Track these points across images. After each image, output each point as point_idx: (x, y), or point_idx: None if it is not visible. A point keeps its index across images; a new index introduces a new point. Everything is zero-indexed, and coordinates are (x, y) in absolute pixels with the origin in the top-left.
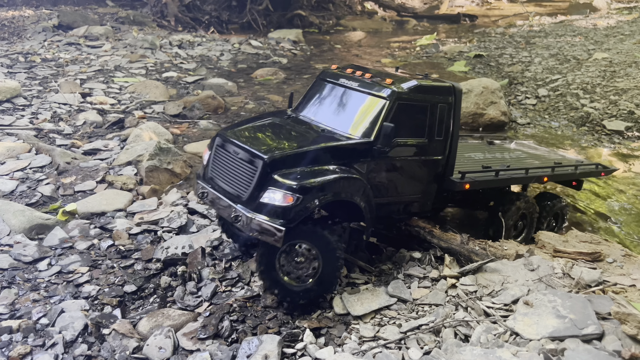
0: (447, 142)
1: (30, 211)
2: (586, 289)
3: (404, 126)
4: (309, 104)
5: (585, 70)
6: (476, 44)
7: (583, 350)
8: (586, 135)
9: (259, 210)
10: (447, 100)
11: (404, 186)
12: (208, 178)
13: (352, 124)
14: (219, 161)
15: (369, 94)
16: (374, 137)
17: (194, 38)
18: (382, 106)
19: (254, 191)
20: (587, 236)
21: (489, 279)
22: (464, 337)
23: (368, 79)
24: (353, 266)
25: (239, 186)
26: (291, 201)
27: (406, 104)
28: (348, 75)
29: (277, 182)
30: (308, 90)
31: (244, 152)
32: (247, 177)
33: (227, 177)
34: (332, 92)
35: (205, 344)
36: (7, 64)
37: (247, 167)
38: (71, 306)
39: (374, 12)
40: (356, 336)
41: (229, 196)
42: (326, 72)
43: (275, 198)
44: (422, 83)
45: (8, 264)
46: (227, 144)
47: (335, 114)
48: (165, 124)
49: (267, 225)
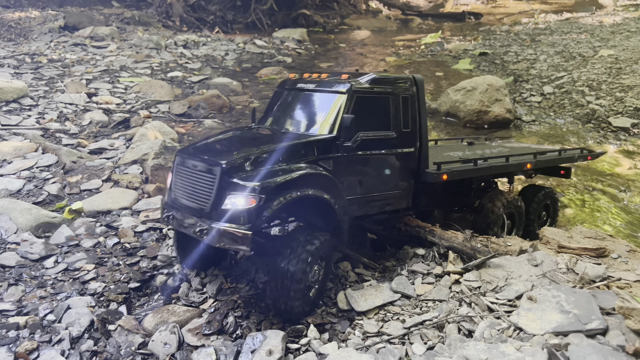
0: (416, 134)
1: (36, 209)
2: (590, 285)
3: (367, 120)
4: (271, 115)
5: (591, 67)
6: (481, 42)
7: (587, 345)
8: (592, 132)
9: (222, 218)
10: (409, 91)
11: (377, 182)
12: (172, 200)
13: (314, 124)
14: (180, 180)
15: (327, 92)
16: (336, 132)
17: (199, 38)
18: (340, 101)
19: (216, 200)
20: (592, 232)
21: (493, 274)
22: (468, 333)
23: (325, 79)
24: (357, 263)
25: (200, 199)
26: (254, 203)
27: (365, 97)
28: (305, 80)
29: (237, 186)
30: (269, 103)
31: (202, 163)
32: (207, 187)
33: (189, 193)
34: (292, 98)
35: (210, 340)
36: (13, 65)
37: (206, 177)
38: (77, 303)
39: (379, 11)
40: (360, 332)
41: (192, 212)
42: (284, 81)
43: (237, 202)
44: (380, 75)
45: (15, 262)
46: (187, 160)
47: (296, 118)
48: (170, 123)
49: (232, 232)
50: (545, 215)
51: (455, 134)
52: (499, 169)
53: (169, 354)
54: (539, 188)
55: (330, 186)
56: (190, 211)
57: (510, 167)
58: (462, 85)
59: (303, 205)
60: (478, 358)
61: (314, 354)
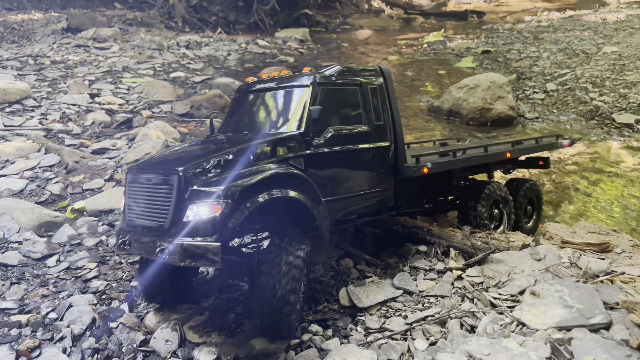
0: (389, 127)
1: (39, 209)
2: (594, 279)
3: (337, 114)
4: (231, 122)
5: (595, 64)
6: (484, 40)
7: (590, 339)
8: (595, 128)
9: (184, 232)
10: (376, 82)
11: (354, 181)
12: (127, 224)
13: (279, 123)
14: (134, 198)
15: (290, 87)
16: (304, 128)
17: (201, 38)
18: (305, 94)
19: (175, 213)
20: (596, 227)
21: (495, 270)
22: (470, 328)
23: (286, 75)
24: (359, 260)
25: (158, 215)
26: (219, 210)
27: (331, 89)
28: (264, 80)
29: (198, 193)
30: (228, 111)
31: (156, 175)
32: (165, 200)
33: (145, 211)
34: (252, 101)
35: (211, 337)
36: (16, 67)
37: (162, 189)
38: (79, 301)
39: (381, 10)
40: (362, 328)
41: (150, 231)
42: (241, 86)
43: (201, 212)
44: (345, 67)
45: (17, 261)
46: (139, 175)
47: (259, 120)
48: (172, 123)
49: (197, 246)
50: (531, 210)
51: (457, 132)
52: (479, 159)
53: (171, 351)
54: (523, 181)
55: (304, 186)
56: (148, 231)
57: (489, 157)
58: (465, 82)
59: (275, 211)
60: (481, 353)
61: (315, 350)
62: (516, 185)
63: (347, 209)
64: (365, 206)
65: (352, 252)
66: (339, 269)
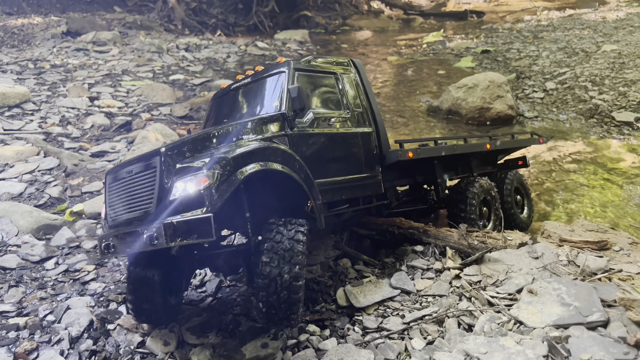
0: (369, 114)
1: (37, 212)
2: (592, 277)
3: (315, 98)
4: (209, 123)
5: (594, 62)
6: (483, 40)
7: (588, 337)
8: (595, 127)
9: (172, 211)
10: (350, 71)
11: (340, 164)
12: (109, 226)
13: (259, 108)
14: (116, 196)
15: (266, 77)
16: (285, 108)
17: (201, 41)
18: (282, 78)
19: (161, 196)
20: (594, 225)
21: (493, 268)
22: (468, 327)
23: (260, 70)
24: (357, 260)
25: (142, 203)
26: (207, 182)
27: (307, 75)
28: (239, 80)
29: (183, 169)
30: (206, 115)
31: (137, 163)
32: (149, 185)
33: (129, 203)
34: (229, 100)
35: (208, 338)
36: (16, 71)
37: (145, 175)
38: (77, 303)
39: (381, 11)
40: (359, 327)
41: (137, 222)
42: (216, 93)
43: (187, 187)
44: (318, 56)
45: (16, 264)
46: (118, 172)
47: (238, 111)
48: (172, 125)
49: (187, 220)
50: (521, 200)
51: (457, 131)
52: (460, 148)
53: (168, 353)
54: (505, 173)
55: (292, 163)
56: (133, 223)
57: (469, 147)
58: (464, 82)
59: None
60: (478, 352)
61: (312, 350)
62: (497, 179)
63: (336, 193)
64: (354, 192)
65: (350, 253)
66: (336, 269)
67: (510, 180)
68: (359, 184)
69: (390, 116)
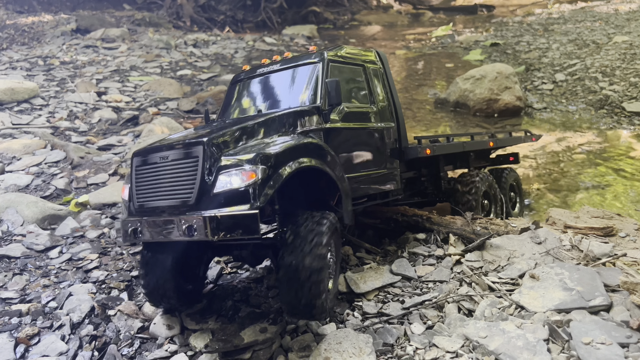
0: (392, 109)
1: (42, 202)
2: (595, 262)
3: (346, 91)
4: (231, 109)
5: (605, 53)
6: (493, 33)
7: (590, 321)
8: (605, 118)
9: (216, 205)
10: (376, 63)
11: (366, 160)
12: (136, 210)
13: (291, 99)
14: (146, 181)
15: (299, 65)
16: (320, 102)
17: (209, 37)
18: (316, 69)
19: (202, 186)
20: (599, 212)
21: (495, 254)
22: (468, 312)
23: (289, 57)
24: (359, 248)
25: (181, 191)
26: (254, 177)
27: (340, 66)
28: (265, 65)
29: (227, 164)
30: (225, 99)
31: (176, 150)
32: (189, 174)
33: (163, 190)
34: (254, 85)
35: (208, 324)
36: (26, 67)
37: (184, 164)
38: (79, 290)
39: (389, 6)
40: (359, 313)
41: (171, 210)
42: (237, 74)
43: (232, 181)
44: (347, 47)
45: (20, 253)
46: (150, 156)
47: (267, 100)
48: (178, 119)
49: (234, 216)
50: (514, 197)
51: (465, 123)
52: (469, 145)
53: (168, 337)
54: (500, 170)
55: (330, 160)
56: (169, 210)
57: (477, 144)
58: (471, 73)
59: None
60: (477, 336)
61: (311, 335)
62: (496, 173)
63: (361, 188)
64: (375, 187)
65: (352, 240)
66: None
67: (505, 178)
68: (380, 178)
69: None
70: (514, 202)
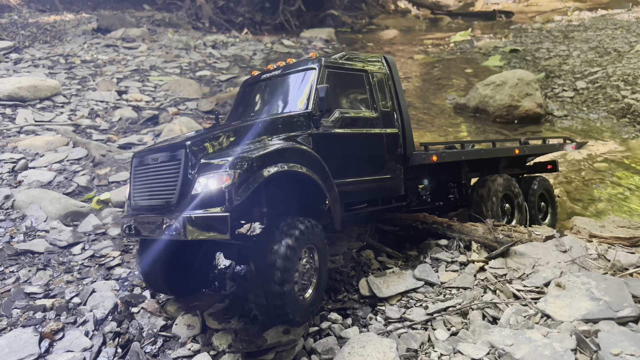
0: (396, 115)
1: (65, 199)
2: (622, 272)
3: (343, 97)
4: (236, 113)
5: (627, 62)
6: (512, 40)
7: (618, 332)
8: (627, 126)
9: (193, 205)
10: (381, 69)
11: (364, 165)
12: (132, 208)
13: (286, 104)
14: (140, 181)
15: (296, 72)
16: (311, 107)
17: (228, 39)
18: (312, 76)
19: (183, 188)
20: (625, 221)
21: (519, 261)
22: (492, 320)
23: (291, 63)
24: (380, 252)
25: (165, 192)
26: (229, 180)
27: (338, 73)
28: (269, 70)
29: (207, 165)
30: (234, 103)
31: (163, 152)
32: (172, 176)
33: (151, 189)
34: (258, 90)
35: (230, 324)
36: (48, 65)
37: (169, 165)
38: (102, 287)
39: (407, 11)
40: (382, 317)
41: (157, 210)
42: (247, 79)
43: (209, 184)
44: (350, 53)
45: (44, 248)
46: (145, 157)
47: (266, 104)
48: (197, 119)
49: (205, 217)
50: (545, 206)
51: (484, 129)
52: (487, 152)
53: (191, 337)
54: (531, 178)
55: (314, 164)
56: (154, 210)
57: (496, 151)
58: (492, 79)
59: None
60: (503, 344)
61: (334, 338)
62: (524, 183)
63: (356, 193)
64: (374, 192)
65: (373, 245)
66: (359, 260)
67: (534, 187)
68: (379, 184)
69: (416, 113)
70: (545, 212)
